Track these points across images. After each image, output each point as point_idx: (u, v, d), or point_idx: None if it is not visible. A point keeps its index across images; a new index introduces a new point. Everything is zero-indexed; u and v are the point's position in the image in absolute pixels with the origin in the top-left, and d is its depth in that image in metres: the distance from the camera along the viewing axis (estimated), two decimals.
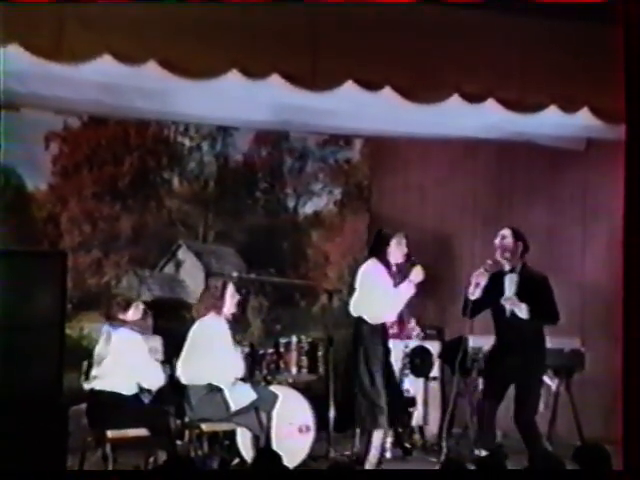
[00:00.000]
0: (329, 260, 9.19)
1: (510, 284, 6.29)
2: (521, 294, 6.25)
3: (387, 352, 6.35)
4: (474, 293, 6.25)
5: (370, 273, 6.34)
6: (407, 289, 6.28)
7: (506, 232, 6.36)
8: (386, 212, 9.01)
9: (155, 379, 6.03)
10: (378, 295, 6.24)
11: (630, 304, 5.05)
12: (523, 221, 8.16)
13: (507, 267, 6.34)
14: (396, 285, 6.29)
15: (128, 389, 5.94)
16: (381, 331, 6.30)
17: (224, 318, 6.22)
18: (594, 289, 7.57)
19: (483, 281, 6.25)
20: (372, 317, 6.27)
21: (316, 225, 9.77)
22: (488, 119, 6.27)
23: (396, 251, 6.33)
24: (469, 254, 8.22)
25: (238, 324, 6.69)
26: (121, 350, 5.95)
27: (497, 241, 6.36)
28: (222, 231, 9.40)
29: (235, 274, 7.49)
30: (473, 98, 5.79)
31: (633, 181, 5.12)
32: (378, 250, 6.36)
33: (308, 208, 9.82)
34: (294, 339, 7.03)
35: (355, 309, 6.35)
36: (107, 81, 5.53)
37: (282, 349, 7.00)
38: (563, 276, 7.77)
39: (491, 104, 5.84)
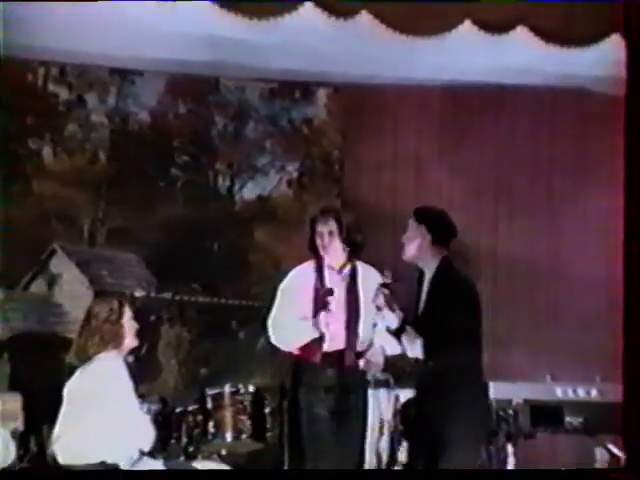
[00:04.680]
0: (281, 269, 9.14)
1: (424, 293, 6.01)
2: (430, 308, 5.91)
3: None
4: (383, 318, 5.92)
5: (293, 282, 6.40)
6: (327, 321, 6.12)
7: (410, 220, 6.02)
8: (365, 195, 9.10)
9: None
10: (287, 317, 6.31)
11: (631, 303, 5.67)
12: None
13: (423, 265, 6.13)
14: (317, 311, 6.17)
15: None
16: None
17: (122, 358, 6.20)
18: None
19: (386, 303, 6.03)
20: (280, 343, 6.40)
21: (262, 217, 9.79)
22: (515, 57, 6.40)
23: (329, 246, 6.19)
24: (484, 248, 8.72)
25: (140, 365, 6.68)
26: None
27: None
28: (120, 228, 9.34)
29: (139, 293, 7.44)
30: (492, 27, 5.85)
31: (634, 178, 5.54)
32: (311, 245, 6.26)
33: (249, 191, 9.83)
34: (227, 389, 7.04)
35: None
36: None
37: (210, 404, 7.01)
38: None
39: (520, 34, 5.93)
